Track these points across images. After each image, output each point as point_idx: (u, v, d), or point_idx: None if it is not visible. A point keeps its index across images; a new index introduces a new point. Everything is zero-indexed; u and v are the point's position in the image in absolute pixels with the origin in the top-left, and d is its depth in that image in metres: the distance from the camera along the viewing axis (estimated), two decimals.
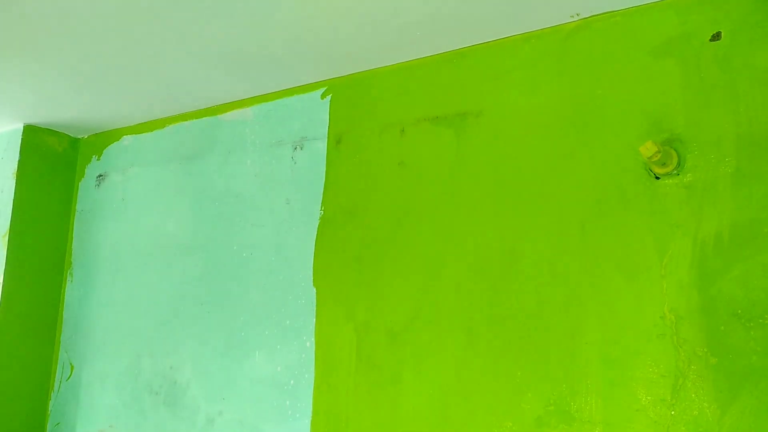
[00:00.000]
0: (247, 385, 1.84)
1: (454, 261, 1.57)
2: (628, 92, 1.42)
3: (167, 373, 2.02)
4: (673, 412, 1.26)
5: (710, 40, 1.35)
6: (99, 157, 2.42)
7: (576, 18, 1.50)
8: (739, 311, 1.23)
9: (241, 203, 1.98)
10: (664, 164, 1.31)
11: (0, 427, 2.19)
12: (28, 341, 2.27)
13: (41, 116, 2.27)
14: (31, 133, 2.34)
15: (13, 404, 2.22)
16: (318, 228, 1.81)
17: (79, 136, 2.49)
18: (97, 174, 2.40)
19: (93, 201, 2.39)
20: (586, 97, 1.47)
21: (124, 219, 2.27)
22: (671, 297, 1.30)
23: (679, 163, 1.32)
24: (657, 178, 1.35)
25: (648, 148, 1.27)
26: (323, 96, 1.89)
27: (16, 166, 2.29)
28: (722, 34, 1.34)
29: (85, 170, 2.45)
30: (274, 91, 1.98)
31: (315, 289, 1.78)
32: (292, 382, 1.76)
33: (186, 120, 2.19)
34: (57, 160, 2.41)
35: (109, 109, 2.21)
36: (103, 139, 2.42)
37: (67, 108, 2.19)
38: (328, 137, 1.85)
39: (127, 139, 2.35)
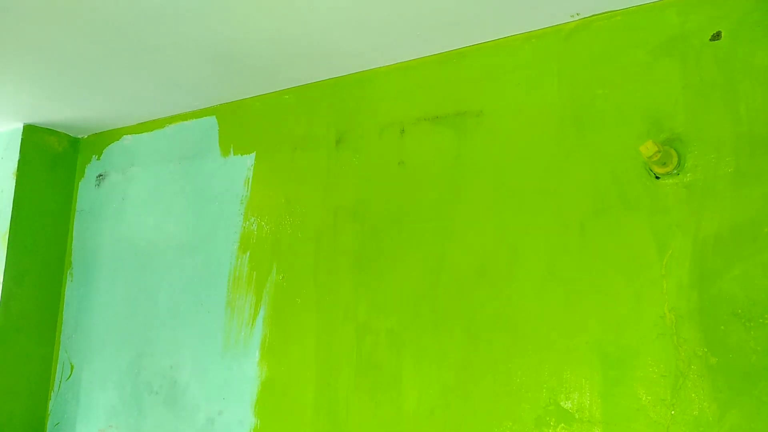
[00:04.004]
0: (247, 384, 1.84)
1: (454, 261, 1.57)
2: (628, 92, 1.42)
3: (167, 372, 2.03)
4: (673, 412, 1.26)
5: (710, 40, 1.35)
6: (99, 157, 2.42)
7: (576, 18, 1.50)
8: (739, 311, 1.23)
9: (241, 203, 1.98)
10: (664, 164, 1.31)
11: (0, 427, 2.20)
12: (28, 341, 2.27)
13: (41, 116, 2.27)
14: (31, 133, 2.34)
15: (13, 404, 2.22)
16: (318, 228, 1.81)
17: (79, 136, 2.49)
18: (97, 174, 2.41)
19: (93, 201, 2.39)
20: (586, 97, 1.47)
21: (124, 219, 2.27)
22: (671, 297, 1.30)
23: (679, 163, 1.32)
24: (657, 177, 1.35)
25: (648, 148, 1.27)
26: (324, 96, 1.89)
27: (16, 165, 2.29)
28: (722, 33, 1.33)
29: (85, 170, 2.45)
30: (275, 90, 1.98)
31: (315, 289, 1.78)
32: (292, 381, 1.76)
33: (186, 120, 2.19)
34: (57, 160, 2.42)
35: (109, 109, 2.21)
36: (103, 139, 2.43)
37: (67, 108, 2.20)
38: (328, 137, 1.85)
39: (127, 139, 2.35)
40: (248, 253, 1.93)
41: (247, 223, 1.95)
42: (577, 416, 1.35)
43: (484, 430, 1.45)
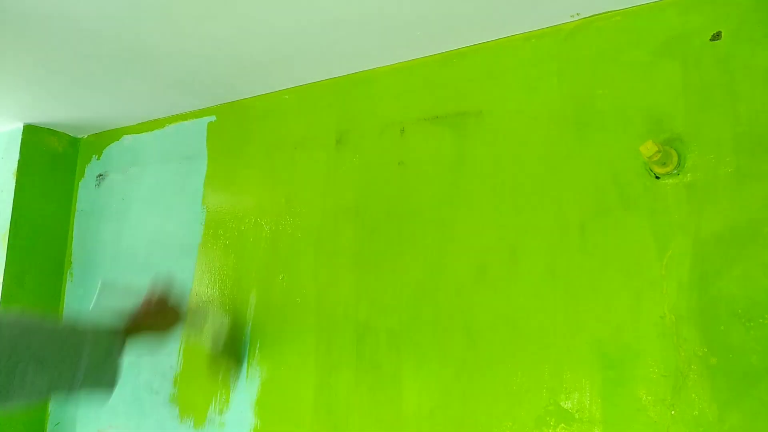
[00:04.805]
0: (247, 384, 1.84)
1: (454, 261, 1.57)
2: (628, 92, 1.42)
3: (167, 372, 2.02)
4: (673, 412, 1.26)
5: (710, 40, 1.35)
6: (99, 157, 2.42)
7: (576, 18, 1.50)
8: (739, 311, 1.23)
9: (242, 203, 1.99)
10: (664, 164, 1.31)
11: (0, 427, 2.19)
12: None
13: (41, 116, 2.27)
14: (31, 133, 2.34)
15: None
16: (318, 228, 1.81)
17: (79, 136, 2.49)
18: (97, 174, 2.41)
19: (93, 201, 2.39)
20: (586, 97, 1.47)
21: (124, 219, 2.27)
22: (671, 297, 1.30)
23: (679, 163, 1.32)
24: (657, 177, 1.35)
25: (648, 148, 1.27)
26: (324, 96, 1.89)
27: (16, 165, 2.29)
28: (722, 33, 1.34)
29: (85, 170, 2.45)
30: (275, 90, 1.99)
31: (315, 289, 1.78)
32: (292, 381, 1.76)
33: (186, 120, 2.19)
34: (57, 160, 2.42)
35: (109, 109, 2.21)
36: (103, 139, 2.43)
37: (67, 108, 2.20)
38: (328, 137, 1.85)
39: (127, 139, 2.35)
40: (248, 253, 1.93)
41: (247, 222, 1.95)
42: (577, 416, 1.35)
43: (484, 430, 1.45)
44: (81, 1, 1.50)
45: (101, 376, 1.30)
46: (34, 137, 2.35)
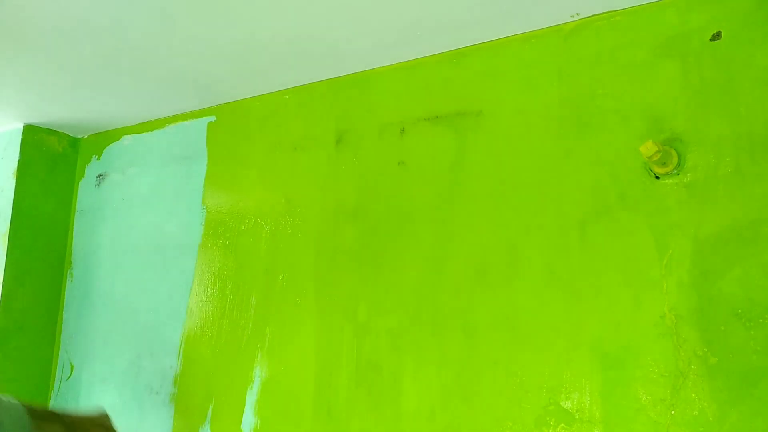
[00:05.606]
0: (247, 384, 1.84)
1: (454, 261, 1.57)
2: (628, 92, 1.42)
3: (167, 372, 2.03)
4: (673, 412, 1.26)
5: (710, 40, 1.35)
6: (99, 157, 2.42)
7: (576, 18, 1.50)
8: (739, 311, 1.23)
9: (242, 203, 1.99)
10: (664, 164, 1.31)
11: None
12: (28, 341, 2.27)
13: (41, 116, 2.27)
14: (31, 133, 2.34)
15: None
16: (318, 228, 1.81)
17: (79, 136, 2.49)
18: (97, 174, 2.41)
19: (93, 201, 2.39)
20: (586, 97, 1.47)
21: (124, 219, 2.27)
22: (671, 297, 1.30)
23: (679, 163, 1.32)
24: (657, 177, 1.35)
25: (648, 148, 1.27)
26: (324, 96, 1.89)
27: (16, 165, 2.29)
28: (722, 33, 1.34)
29: (85, 170, 2.45)
30: (275, 90, 1.99)
31: (315, 289, 1.78)
32: (292, 381, 1.76)
33: (186, 120, 2.19)
34: (57, 160, 2.42)
35: (109, 109, 2.21)
36: (103, 139, 2.43)
37: (67, 108, 2.20)
38: (328, 137, 1.85)
39: (127, 139, 2.35)
40: (248, 253, 1.93)
41: (247, 222, 1.95)
42: (577, 416, 1.35)
43: (484, 430, 1.45)
44: (81, 2, 1.50)
45: None
46: (34, 137, 2.35)
